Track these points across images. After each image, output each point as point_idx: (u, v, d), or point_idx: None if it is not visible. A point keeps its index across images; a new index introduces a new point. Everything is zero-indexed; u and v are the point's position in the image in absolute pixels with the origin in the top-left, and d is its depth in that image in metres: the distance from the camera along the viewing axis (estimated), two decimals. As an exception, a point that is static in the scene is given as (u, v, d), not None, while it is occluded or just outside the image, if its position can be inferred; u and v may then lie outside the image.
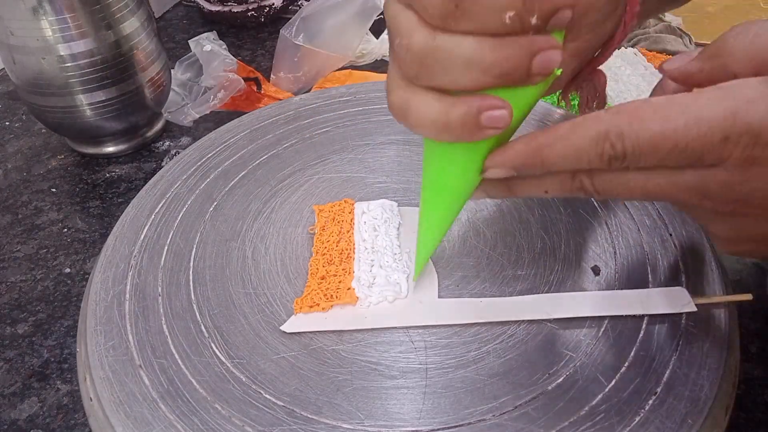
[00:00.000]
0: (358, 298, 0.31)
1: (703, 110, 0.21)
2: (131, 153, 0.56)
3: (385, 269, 0.32)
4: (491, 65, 0.21)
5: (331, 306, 0.31)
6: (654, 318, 0.30)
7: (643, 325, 0.29)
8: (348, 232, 0.35)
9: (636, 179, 0.23)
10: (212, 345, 0.30)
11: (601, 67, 0.29)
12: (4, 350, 0.39)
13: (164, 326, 0.30)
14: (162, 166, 0.44)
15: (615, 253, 0.33)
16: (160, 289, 0.32)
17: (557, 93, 0.30)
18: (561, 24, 0.21)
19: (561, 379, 0.27)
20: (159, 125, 0.58)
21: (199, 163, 0.40)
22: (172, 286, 0.32)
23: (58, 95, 0.50)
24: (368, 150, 0.41)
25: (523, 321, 0.30)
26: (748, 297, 0.30)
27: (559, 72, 0.23)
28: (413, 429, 0.26)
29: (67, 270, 0.45)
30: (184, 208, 0.37)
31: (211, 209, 0.37)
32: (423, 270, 0.32)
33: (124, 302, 0.31)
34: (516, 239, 0.34)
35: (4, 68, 0.55)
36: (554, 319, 0.30)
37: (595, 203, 0.36)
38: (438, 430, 0.26)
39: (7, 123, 0.61)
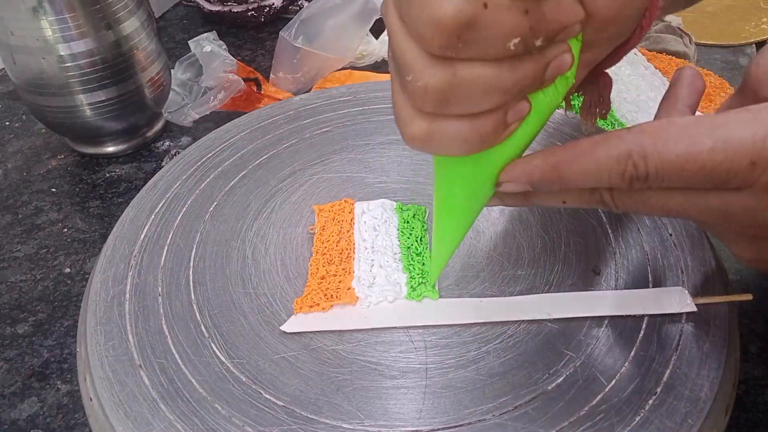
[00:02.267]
0: (358, 298, 0.31)
1: (731, 133, 0.20)
2: (131, 153, 0.56)
3: (385, 269, 0.32)
4: (511, 86, 0.21)
5: (331, 306, 0.31)
6: (654, 318, 0.30)
7: (643, 325, 0.29)
8: (348, 231, 0.35)
9: (657, 198, 0.23)
10: (212, 345, 0.30)
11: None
12: (4, 350, 0.39)
13: (164, 326, 0.30)
14: (162, 166, 0.44)
15: (615, 253, 0.33)
16: (160, 289, 0.32)
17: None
18: (566, 38, 0.21)
19: (561, 379, 0.27)
20: (159, 125, 0.58)
21: (199, 163, 0.40)
22: (172, 286, 0.32)
23: (58, 95, 0.50)
24: (368, 150, 0.41)
25: (523, 321, 0.30)
26: (748, 297, 0.30)
27: (572, 80, 0.23)
28: (413, 429, 0.26)
29: (67, 270, 0.45)
30: (184, 208, 0.37)
31: (211, 209, 0.37)
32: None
33: (124, 302, 0.31)
34: (516, 239, 0.34)
35: (4, 68, 0.55)
36: (554, 319, 0.30)
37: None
38: (438, 430, 0.26)
39: (7, 123, 0.61)
